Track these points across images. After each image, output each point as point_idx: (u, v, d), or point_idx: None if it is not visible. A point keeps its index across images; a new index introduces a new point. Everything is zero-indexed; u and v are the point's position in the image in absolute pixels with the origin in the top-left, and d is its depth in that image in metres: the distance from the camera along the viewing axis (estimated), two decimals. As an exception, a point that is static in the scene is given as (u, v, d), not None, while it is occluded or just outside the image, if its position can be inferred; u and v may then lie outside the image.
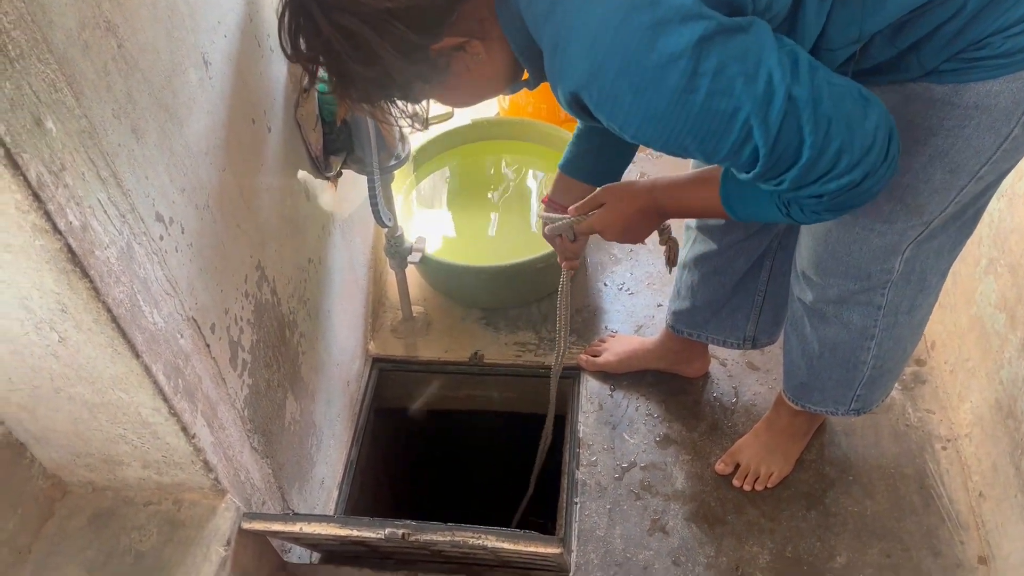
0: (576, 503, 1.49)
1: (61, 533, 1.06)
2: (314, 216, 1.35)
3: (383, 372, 1.81)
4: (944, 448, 1.53)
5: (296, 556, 1.39)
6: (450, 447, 2.31)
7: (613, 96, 0.75)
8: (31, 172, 0.64)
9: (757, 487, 1.48)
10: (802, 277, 1.19)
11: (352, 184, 1.53)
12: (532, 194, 2.01)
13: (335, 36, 0.79)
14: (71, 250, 0.70)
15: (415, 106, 0.92)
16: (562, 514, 1.51)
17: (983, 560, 1.37)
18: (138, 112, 0.79)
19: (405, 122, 0.93)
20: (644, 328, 1.80)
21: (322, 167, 1.29)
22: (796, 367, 1.33)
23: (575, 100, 0.80)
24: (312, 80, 0.93)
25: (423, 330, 1.84)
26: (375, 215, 1.44)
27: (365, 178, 1.37)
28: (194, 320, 0.93)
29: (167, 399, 0.89)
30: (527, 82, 0.94)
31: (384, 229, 1.55)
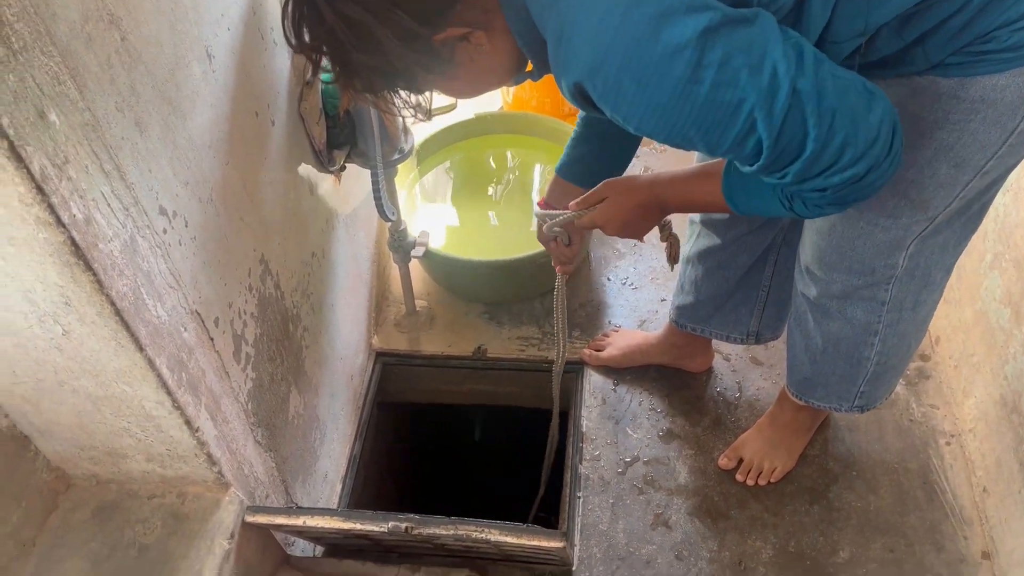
0: (579, 497, 1.49)
1: (65, 526, 1.06)
2: (318, 210, 1.35)
3: (386, 366, 1.81)
4: (948, 443, 1.53)
5: (299, 549, 1.39)
6: (453, 441, 2.32)
7: (617, 87, 0.75)
8: (35, 165, 0.64)
9: (760, 482, 1.48)
10: (806, 272, 1.19)
11: (356, 178, 1.53)
12: (535, 188, 2.00)
13: (338, 25, 0.78)
14: (75, 243, 0.70)
15: (418, 97, 0.92)
16: (565, 508, 1.51)
17: (986, 555, 1.37)
18: (141, 105, 0.79)
19: (408, 113, 0.93)
20: (647, 323, 1.80)
21: (325, 161, 1.29)
22: (799, 362, 1.33)
23: (579, 91, 0.80)
24: (316, 71, 0.93)
25: (426, 324, 1.84)
26: (379, 209, 1.44)
27: (369, 172, 1.37)
28: (198, 314, 0.93)
29: (171, 392, 0.89)
30: (531, 73, 0.94)
31: (388, 223, 1.55)
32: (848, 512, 1.44)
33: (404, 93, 0.90)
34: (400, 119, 1.32)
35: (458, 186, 2.03)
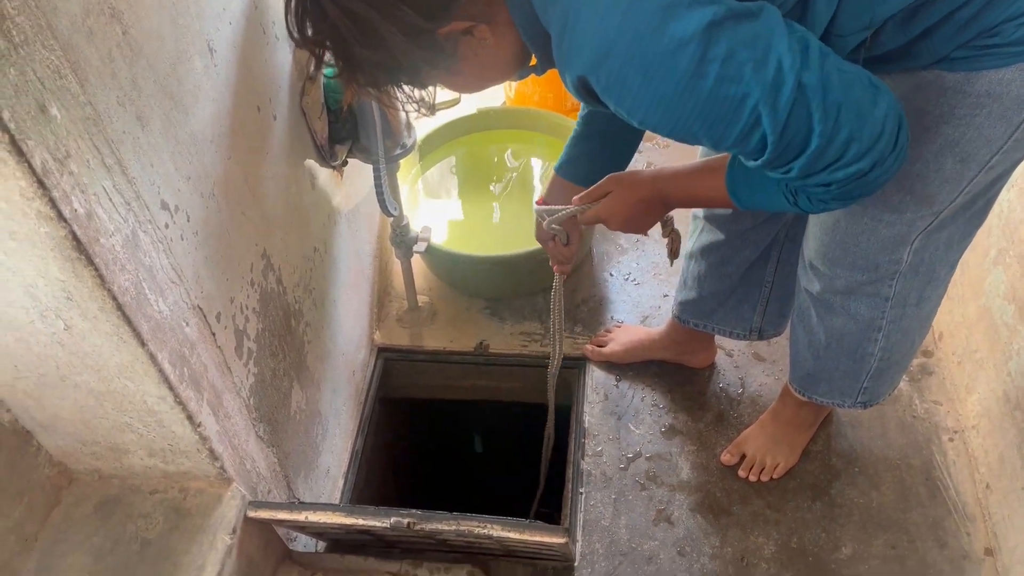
0: (581, 493, 1.49)
1: (68, 521, 1.06)
2: (319, 205, 1.35)
3: (388, 361, 1.81)
4: (951, 440, 1.53)
5: (302, 544, 1.39)
6: (455, 437, 2.32)
7: (621, 80, 0.75)
8: (36, 159, 0.64)
9: (763, 478, 1.48)
10: (809, 268, 1.18)
11: (358, 173, 1.52)
12: (537, 184, 2.00)
13: (341, 19, 0.78)
14: (76, 238, 0.70)
15: (422, 92, 0.92)
16: (567, 504, 1.51)
17: (989, 552, 1.36)
18: (143, 99, 0.78)
19: (412, 107, 0.92)
20: (650, 318, 1.80)
21: (327, 156, 1.29)
22: (802, 358, 1.33)
23: (583, 85, 0.80)
24: (319, 65, 0.93)
25: (428, 320, 1.84)
26: (381, 204, 1.43)
27: (371, 167, 1.37)
28: (200, 309, 0.93)
29: (173, 388, 0.89)
30: (535, 67, 0.93)
31: (390, 218, 1.55)
32: (850, 508, 1.44)
33: (407, 88, 0.90)
34: (403, 114, 1.32)
35: (460, 181, 2.02)
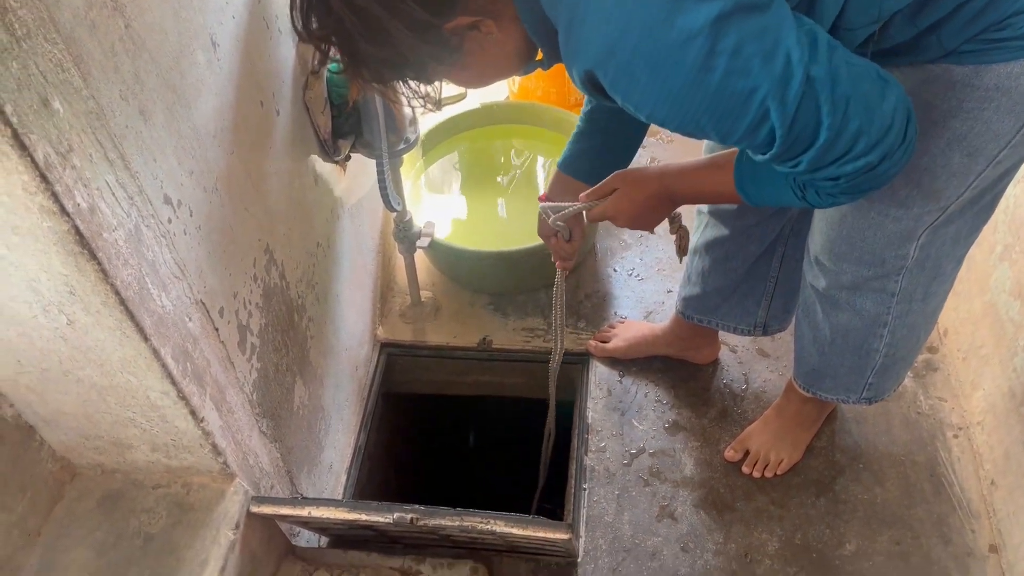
0: (584, 489, 1.49)
1: (70, 515, 1.06)
2: (322, 200, 1.34)
3: (391, 357, 1.81)
4: (956, 436, 1.52)
5: (304, 540, 1.39)
6: (458, 432, 2.32)
7: (629, 74, 0.74)
8: (38, 153, 0.64)
9: (766, 474, 1.48)
10: (815, 263, 1.18)
11: (361, 168, 1.52)
12: (541, 179, 2.00)
13: (346, 15, 0.78)
14: (79, 232, 0.70)
15: (427, 87, 0.91)
16: (570, 500, 1.51)
17: (994, 548, 1.36)
18: (146, 93, 0.78)
19: (417, 103, 0.92)
20: (654, 314, 1.79)
21: (331, 151, 1.28)
22: (807, 354, 1.32)
23: (590, 79, 0.79)
24: (323, 61, 0.92)
25: (431, 315, 1.83)
26: (384, 199, 1.43)
27: (374, 162, 1.37)
28: (202, 303, 0.93)
29: (176, 382, 0.89)
30: (541, 62, 0.93)
31: (393, 213, 1.54)
32: (855, 504, 1.43)
33: (413, 83, 0.90)
34: (407, 109, 1.31)
35: (464, 176, 2.02)
